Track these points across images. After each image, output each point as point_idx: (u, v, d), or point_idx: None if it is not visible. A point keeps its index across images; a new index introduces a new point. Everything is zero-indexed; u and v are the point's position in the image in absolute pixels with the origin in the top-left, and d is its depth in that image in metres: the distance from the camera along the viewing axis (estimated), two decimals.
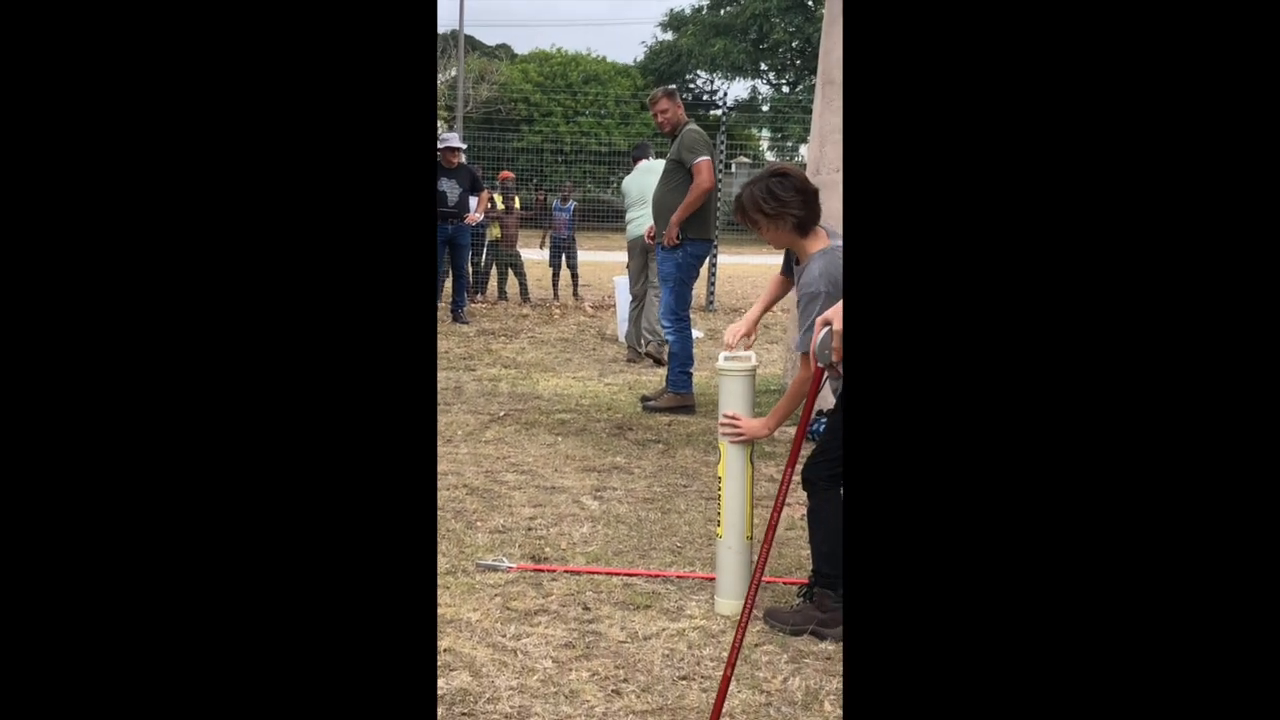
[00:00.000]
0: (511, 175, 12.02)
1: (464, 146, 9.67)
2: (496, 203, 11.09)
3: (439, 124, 23.57)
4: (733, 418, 2.94)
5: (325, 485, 1.26)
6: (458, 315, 9.46)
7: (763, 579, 2.56)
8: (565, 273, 11.71)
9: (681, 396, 5.75)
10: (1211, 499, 1.19)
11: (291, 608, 1.25)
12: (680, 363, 5.75)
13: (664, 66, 31.10)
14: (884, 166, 1.28)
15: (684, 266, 5.70)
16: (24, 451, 1.20)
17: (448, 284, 9.83)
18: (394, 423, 1.27)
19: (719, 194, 7.58)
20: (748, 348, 3.12)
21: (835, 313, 2.41)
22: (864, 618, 1.26)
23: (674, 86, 6.29)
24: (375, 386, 1.27)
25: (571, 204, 11.89)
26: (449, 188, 9.22)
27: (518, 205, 11.50)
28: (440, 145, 9.18)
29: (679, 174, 5.70)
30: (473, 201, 9.45)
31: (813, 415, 2.51)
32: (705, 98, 31.20)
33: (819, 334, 2.54)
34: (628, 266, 7.83)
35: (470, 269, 11.04)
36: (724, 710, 2.33)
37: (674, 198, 5.67)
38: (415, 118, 1.30)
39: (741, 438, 2.93)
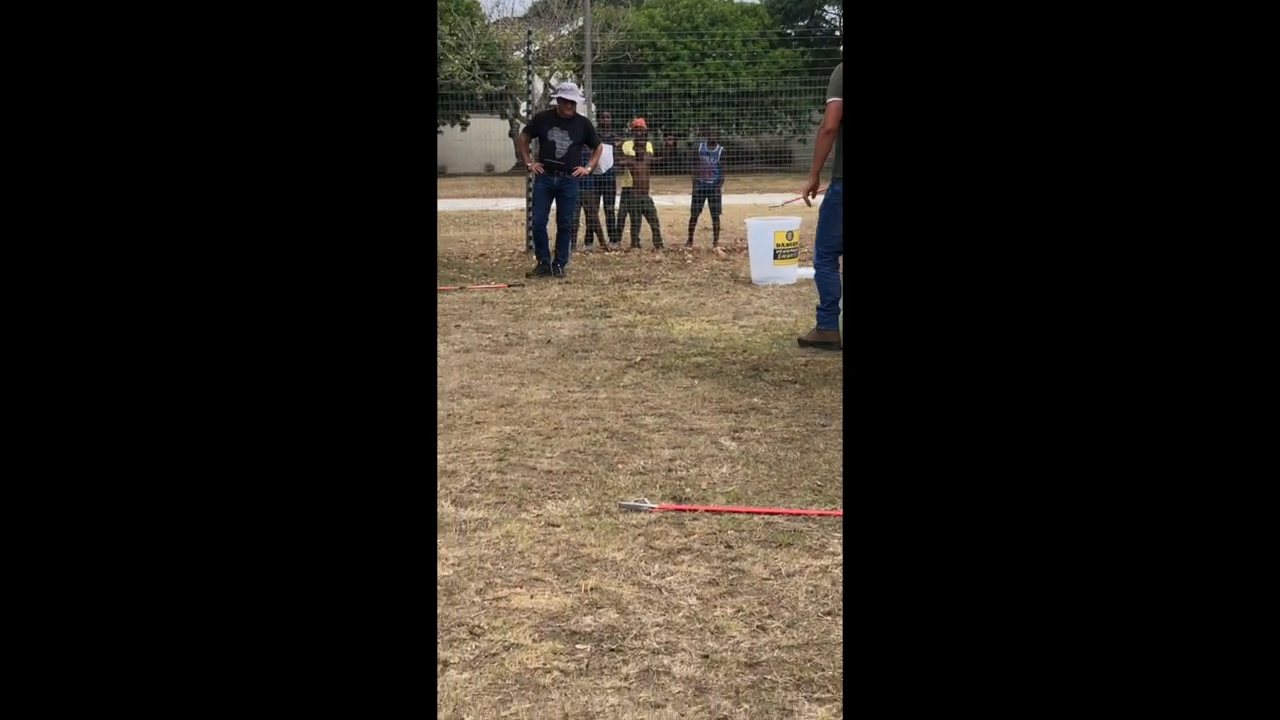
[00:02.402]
0: (644, 123, 11.87)
1: (577, 99, 9.07)
2: (627, 150, 11.04)
3: (567, 74, 23.61)
4: None
5: (320, 476, 1.25)
6: (557, 269, 8.88)
7: None
8: (704, 217, 11.37)
9: (822, 333, 5.81)
10: (1208, 501, 1.17)
11: (280, 603, 1.24)
12: (821, 298, 5.83)
13: (791, 4, 30.45)
14: (885, 174, 1.28)
15: (827, 204, 5.75)
16: (19, 452, 1.20)
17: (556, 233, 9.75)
18: (392, 412, 1.27)
19: None
20: None
21: None
22: (865, 636, 1.27)
23: None
24: (373, 376, 1.27)
25: (719, 148, 11.47)
26: (559, 138, 8.74)
27: (650, 150, 11.40)
28: (555, 97, 8.99)
29: None
30: (587, 155, 9.06)
31: None
32: (836, 34, 30.44)
33: None
34: None
35: (588, 220, 10.93)
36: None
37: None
38: (415, 96, 1.29)
39: None
